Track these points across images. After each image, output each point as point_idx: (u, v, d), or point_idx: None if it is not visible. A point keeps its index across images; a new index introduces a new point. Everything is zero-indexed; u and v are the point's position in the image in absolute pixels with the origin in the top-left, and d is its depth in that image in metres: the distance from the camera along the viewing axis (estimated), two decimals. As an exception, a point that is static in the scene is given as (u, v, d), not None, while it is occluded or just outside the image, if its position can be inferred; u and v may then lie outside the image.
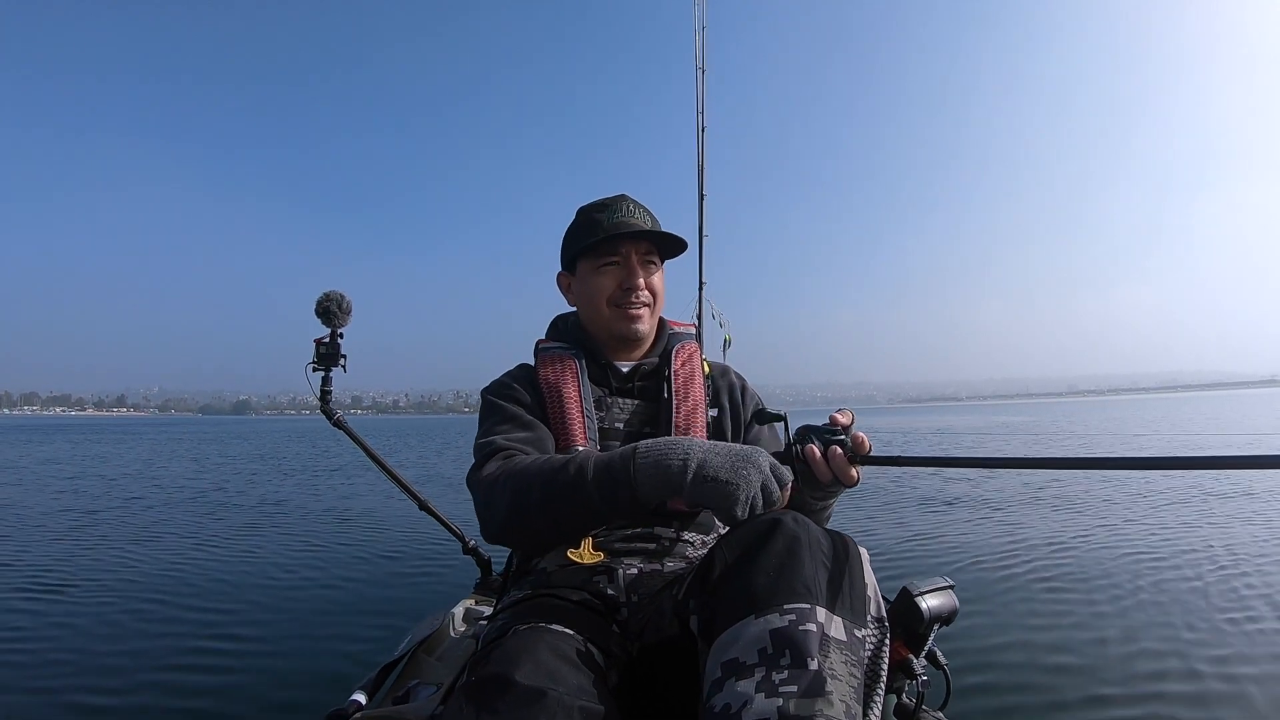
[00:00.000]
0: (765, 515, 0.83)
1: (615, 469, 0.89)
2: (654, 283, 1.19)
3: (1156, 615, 2.77)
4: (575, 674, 0.77)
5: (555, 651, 0.79)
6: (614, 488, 0.89)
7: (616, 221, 1.16)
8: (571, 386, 1.14)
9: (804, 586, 0.73)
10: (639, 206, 1.20)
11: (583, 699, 0.73)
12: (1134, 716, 1.96)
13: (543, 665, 0.75)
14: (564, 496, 0.91)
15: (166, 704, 2.09)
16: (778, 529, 0.79)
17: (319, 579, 3.60)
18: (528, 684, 0.72)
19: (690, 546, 1.09)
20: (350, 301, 1.68)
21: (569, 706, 0.71)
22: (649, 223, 1.19)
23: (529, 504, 0.93)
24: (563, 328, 1.27)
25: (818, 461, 0.91)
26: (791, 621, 0.70)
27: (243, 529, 5.06)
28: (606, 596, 1.01)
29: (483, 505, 1.00)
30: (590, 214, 1.20)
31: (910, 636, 1.04)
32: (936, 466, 0.92)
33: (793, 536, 0.78)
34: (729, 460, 0.86)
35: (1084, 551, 3.93)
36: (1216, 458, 0.72)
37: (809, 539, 0.78)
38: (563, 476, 0.92)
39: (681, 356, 1.22)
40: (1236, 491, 5.96)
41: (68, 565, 4.02)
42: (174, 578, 3.66)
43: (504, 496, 0.95)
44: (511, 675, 0.73)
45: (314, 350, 1.68)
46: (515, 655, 0.76)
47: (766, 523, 0.81)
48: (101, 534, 5.10)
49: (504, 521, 0.97)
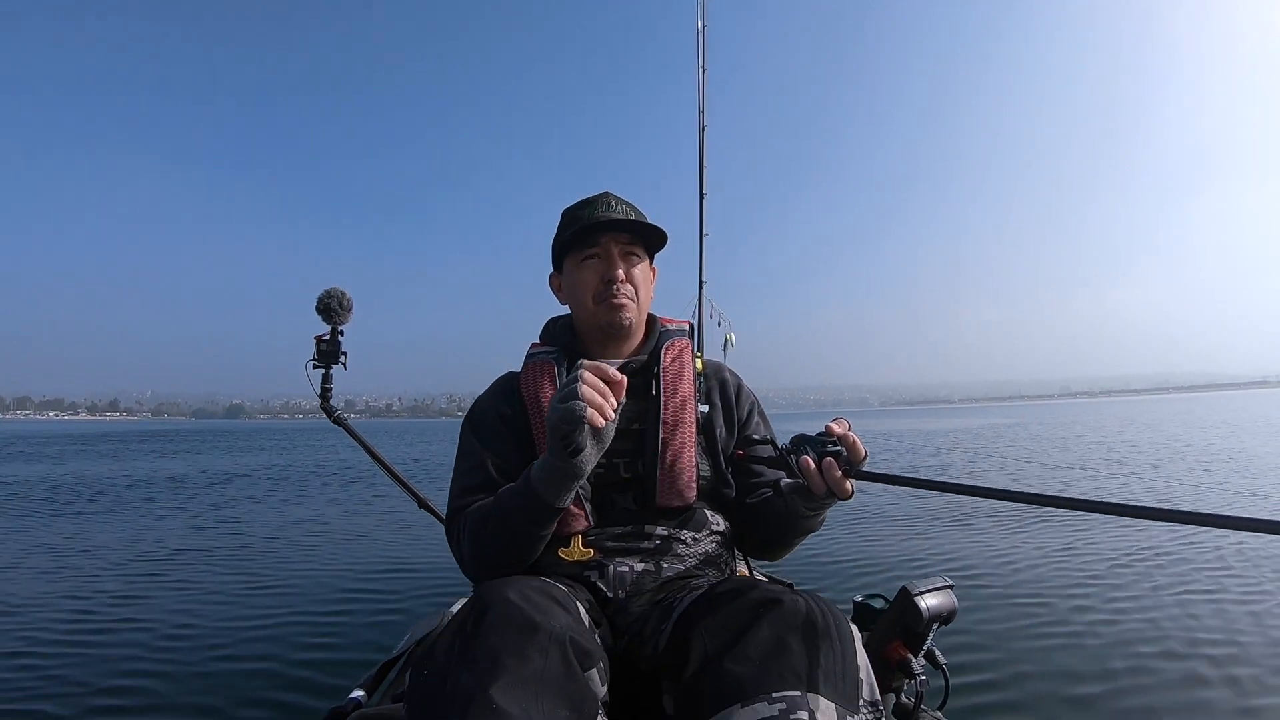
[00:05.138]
0: (748, 596, 0.80)
1: (522, 493, 0.96)
2: (636, 275, 1.18)
3: (1155, 615, 2.78)
4: (564, 614, 0.77)
5: (544, 592, 0.80)
6: (529, 507, 0.95)
7: (596, 215, 1.17)
8: (549, 390, 1.13)
9: (792, 673, 0.70)
10: (621, 201, 1.20)
11: (573, 633, 0.74)
12: (1133, 714, 1.96)
13: (534, 601, 0.76)
14: (503, 533, 0.99)
15: (168, 701, 2.09)
16: (762, 614, 0.76)
17: (318, 577, 3.61)
18: (522, 616, 0.73)
19: (683, 545, 1.08)
20: (351, 299, 1.66)
21: (561, 640, 0.72)
22: (631, 215, 1.19)
23: (483, 550, 1.01)
24: (553, 330, 1.27)
25: (812, 473, 0.90)
26: (781, 710, 0.67)
27: (240, 528, 5.04)
28: (596, 589, 1.01)
29: (458, 560, 1.08)
30: (573, 211, 1.21)
31: (909, 636, 1.04)
32: (936, 490, 0.89)
33: (777, 620, 0.75)
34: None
35: (1084, 551, 3.95)
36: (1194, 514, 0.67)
37: (796, 622, 0.75)
38: (495, 517, 1.00)
39: (671, 353, 1.20)
40: (1238, 496, 5.99)
41: (64, 563, 4.00)
42: (172, 578, 3.65)
43: (466, 549, 1.04)
44: (504, 607, 0.73)
45: (314, 347, 1.66)
46: (507, 590, 0.77)
47: (749, 604, 0.78)
48: (99, 525, 5.07)
49: (474, 571, 1.05)
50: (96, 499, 7.08)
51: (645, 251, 1.22)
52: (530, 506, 0.95)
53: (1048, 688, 2.13)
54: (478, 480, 1.10)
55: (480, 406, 1.21)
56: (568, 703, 0.69)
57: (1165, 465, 8.74)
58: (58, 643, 2.63)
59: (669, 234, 1.22)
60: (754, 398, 1.28)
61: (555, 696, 0.69)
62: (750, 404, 1.26)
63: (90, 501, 6.96)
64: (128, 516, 5.96)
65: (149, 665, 2.37)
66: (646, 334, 1.24)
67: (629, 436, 1.12)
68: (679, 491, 1.08)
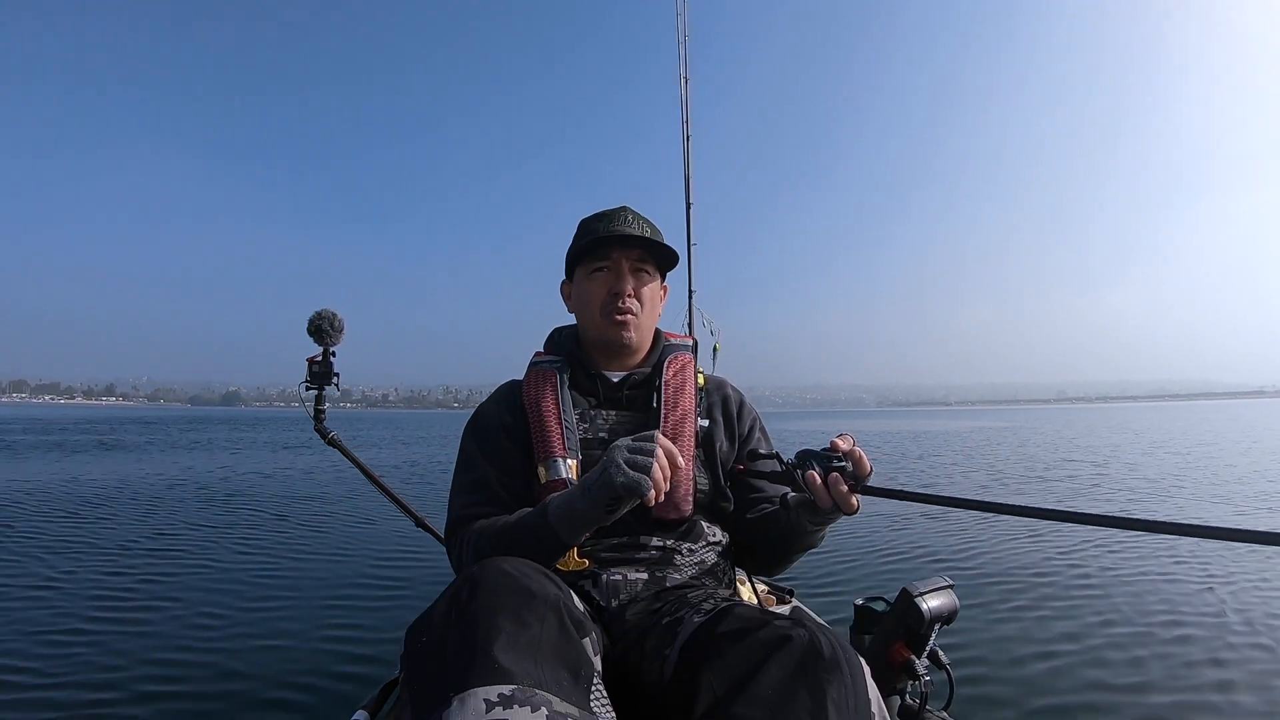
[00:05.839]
0: (758, 633, 0.78)
1: (538, 527, 0.95)
2: (644, 292, 1.18)
3: (1162, 615, 2.81)
4: (560, 591, 0.78)
5: (540, 571, 0.81)
6: (543, 543, 0.94)
7: (611, 229, 1.16)
8: (550, 400, 1.14)
9: (807, 716, 0.69)
10: (638, 217, 1.20)
11: (569, 602, 0.76)
12: (1138, 714, 1.98)
13: (530, 574, 0.77)
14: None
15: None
16: (772, 658, 0.74)
17: (319, 597, 3.41)
18: (521, 584, 0.74)
19: (678, 555, 1.08)
20: (342, 320, 1.70)
21: (557, 607, 0.74)
22: (646, 232, 1.18)
23: None
24: (558, 339, 1.27)
25: (818, 488, 0.90)
26: None
27: (238, 547, 4.91)
28: (590, 598, 1.02)
29: (457, 574, 1.07)
30: (589, 223, 1.21)
31: (912, 637, 1.05)
32: (942, 505, 0.91)
33: (786, 664, 0.73)
34: (598, 465, 0.90)
35: (1087, 551, 3.94)
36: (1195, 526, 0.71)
37: (805, 668, 0.73)
38: (503, 544, 0.97)
39: (674, 367, 1.21)
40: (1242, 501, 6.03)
41: (58, 565, 3.98)
42: (170, 597, 3.44)
43: (471, 564, 1.01)
44: (502, 577, 0.74)
45: (306, 369, 1.70)
46: (503, 563, 0.79)
47: (758, 647, 0.76)
48: (90, 538, 5.03)
49: None
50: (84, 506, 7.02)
51: (657, 269, 1.22)
52: (545, 541, 0.94)
53: (1052, 685, 2.14)
54: (480, 495, 1.10)
55: (483, 414, 1.21)
56: (566, 665, 0.70)
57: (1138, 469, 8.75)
58: (44, 651, 2.54)
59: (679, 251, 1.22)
60: (756, 413, 1.27)
61: (555, 659, 0.69)
62: (752, 420, 1.26)
63: (76, 508, 6.89)
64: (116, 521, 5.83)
65: (136, 686, 2.27)
66: (651, 348, 1.25)
67: None
68: (675, 504, 1.07)
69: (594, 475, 0.89)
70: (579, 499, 0.91)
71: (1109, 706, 2.03)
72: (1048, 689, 2.13)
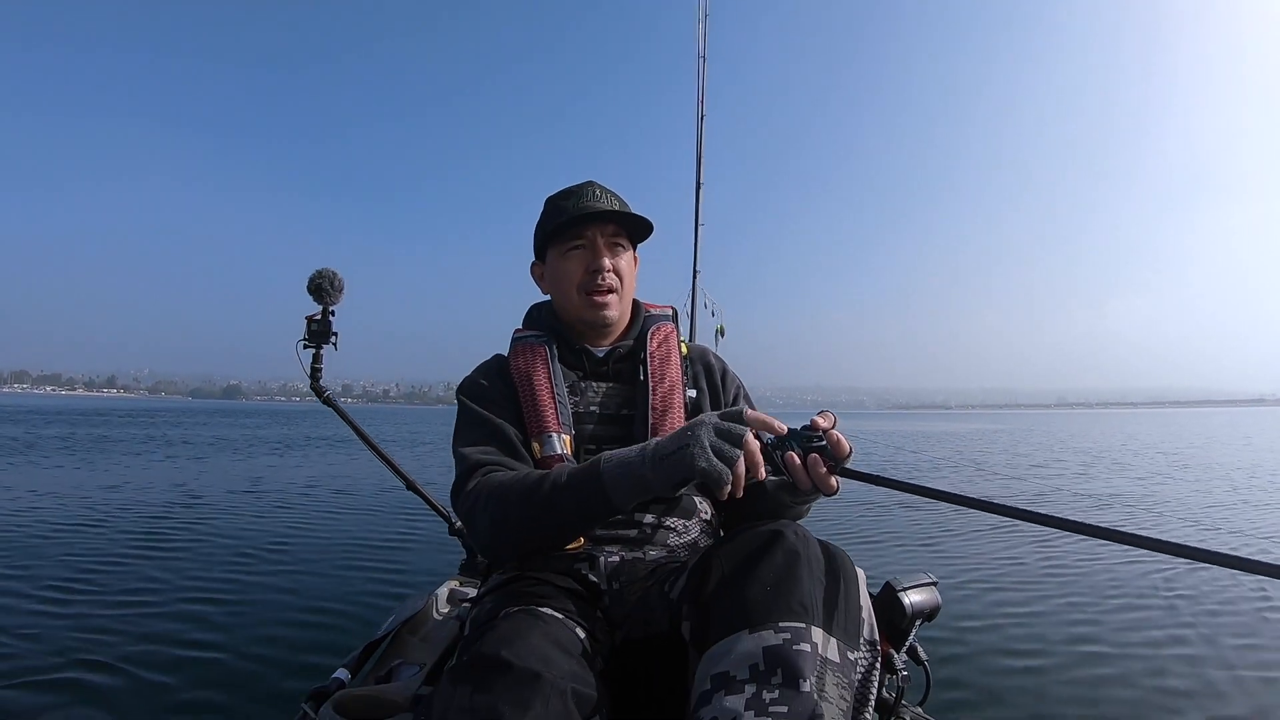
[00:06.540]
0: (766, 526, 0.83)
1: (586, 484, 0.91)
2: (621, 265, 1.18)
3: (1140, 614, 2.81)
4: (566, 659, 0.77)
5: (546, 635, 0.79)
6: (588, 502, 0.91)
7: (581, 205, 1.15)
8: (542, 373, 1.14)
9: (800, 604, 0.73)
10: (605, 191, 1.20)
11: (575, 683, 0.73)
12: (1114, 713, 1.98)
13: (535, 648, 0.75)
14: (541, 516, 0.94)
15: (150, 680, 2.08)
16: (777, 541, 0.79)
17: (304, 557, 3.60)
18: (522, 665, 0.71)
19: (672, 533, 1.07)
20: (342, 279, 1.67)
21: (562, 690, 0.71)
22: (616, 205, 1.18)
23: (508, 524, 0.96)
24: (537, 316, 1.27)
25: (797, 469, 0.89)
26: (786, 640, 0.70)
27: (226, 507, 5.02)
28: (589, 583, 1.00)
29: (467, 523, 1.03)
30: (557, 201, 1.20)
31: (892, 631, 1.05)
32: (921, 495, 0.91)
33: (792, 551, 0.78)
34: (675, 435, 0.88)
35: (1068, 551, 3.97)
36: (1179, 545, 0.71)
37: (808, 555, 0.78)
38: (537, 497, 0.93)
39: (657, 338, 1.21)
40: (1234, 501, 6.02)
41: (50, 543, 3.98)
42: (156, 559, 3.62)
43: (484, 517, 0.97)
44: (505, 657, 0.72)
45: (305, 327, 1.68)
46: (508, 637, 0.76)
47: (766, 534, 0.81)
48: (85, 510, 5.06)
49: (488, 542, 1.00)
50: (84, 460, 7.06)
51: (629, 241, 1.23)
52: (592, 501, 0.91)
53: (1029, 685, 2.14)
54: (496, 443, 1.08)
55: (475, 381, 1.21)
56: None
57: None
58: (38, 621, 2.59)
59: (661, 224, 1.21)
60: (739, 380, 1.28)
61: None
62: (736, 386, 1.26)
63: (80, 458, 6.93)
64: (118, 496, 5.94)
65: (124, 644, 2.35)
66: (631, 319, 1.25)
67: (618, 422, 1.13)
68: None
69: (669, 445, 0.86)
70: (643, 465, 0.88)
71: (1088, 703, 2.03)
72: (1027, 689, 2.13)
